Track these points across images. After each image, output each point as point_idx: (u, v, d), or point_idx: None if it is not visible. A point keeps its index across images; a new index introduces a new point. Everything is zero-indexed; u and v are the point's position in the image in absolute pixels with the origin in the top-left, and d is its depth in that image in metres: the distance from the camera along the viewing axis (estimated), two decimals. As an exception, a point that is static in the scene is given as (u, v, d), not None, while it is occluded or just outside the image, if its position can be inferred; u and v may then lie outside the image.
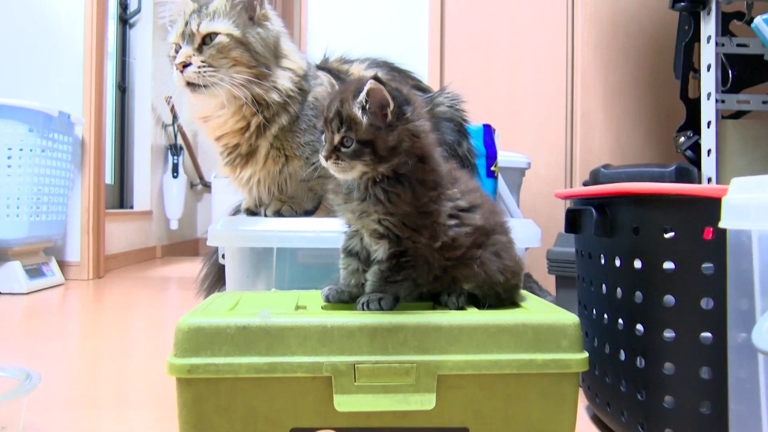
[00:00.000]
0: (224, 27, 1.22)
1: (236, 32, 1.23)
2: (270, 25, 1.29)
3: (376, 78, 0.75)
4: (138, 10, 4.37)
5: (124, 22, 4.36)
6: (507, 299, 0.86)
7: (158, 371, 1.34)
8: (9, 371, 0.98)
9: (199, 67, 1.20)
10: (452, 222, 0.80)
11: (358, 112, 0.76)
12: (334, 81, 1.31)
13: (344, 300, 0.85)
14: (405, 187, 0.77)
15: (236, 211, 1.55)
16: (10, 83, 3.03)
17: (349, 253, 0.85)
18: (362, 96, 0.75)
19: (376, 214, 0.77)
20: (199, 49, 1.22)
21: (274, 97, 1.25)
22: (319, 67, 1.40)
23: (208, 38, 1.22)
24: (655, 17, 2.73)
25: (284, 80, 1.27)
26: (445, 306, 0.84)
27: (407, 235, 0.78)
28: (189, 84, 1.22)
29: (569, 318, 0.77)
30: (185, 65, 1.21)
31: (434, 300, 0.86)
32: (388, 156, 0.76)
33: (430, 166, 0.79)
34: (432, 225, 0.79)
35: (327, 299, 0.85)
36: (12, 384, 0.94)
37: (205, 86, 1.22)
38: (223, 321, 0.73)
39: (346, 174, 0.78)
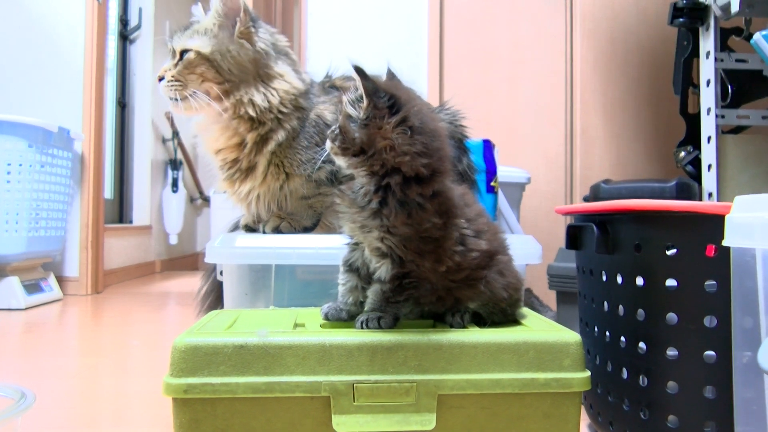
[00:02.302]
0: (195, 44, 1.26)
1: (205, 50, 1.26)
2: (246, 44, 1.29)
3: (356, 68, 0.74)
4: (138, 26, 4.39)
5: (125, 38, 4.37)
6: (511, 314, 0.85)
7: (157, 390, 1.33)
8: (4, 390, 0.96)
9: (168, 81, 1.26)
10: (459, 248, 0.79)
11: (346, 100, 0.77)
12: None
13: (343, 318, 0.84)
14: (399, 205, 0.75)
15: (235, 227, 1.55)
16: (10, 99, 3.03)
17: (350, 267, 0.83)
18: (355, 89, 0.77)
19: (376, 231, 0.76)
20: (177, 65, 1.27)
21: (250, 112, 1.27)
22: (330, 86, 1.41)
23: (184, 54, 1.27)
24: (654, 33, 2.74)
25: (259, 97, 1.28)
26: (449, 326, 0.83)
27: (410, 257, 0.76)
28: (170, 98, 1.27)
29: (571, 336, 0.76)
30: (160, 79, 1.27)
31: (436, 318, 0.85)
32: (352, 148, 0.75)
33: (423, 190, 0.76)
34: (436, 250, 0.77)
35: (326, 317, 0.84)
36: (7, 403, 0.93)
37: (176, 99, 1.27)
38: (221, 340, 0.72)
39: (336, 157, 0.78)
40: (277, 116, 1.28)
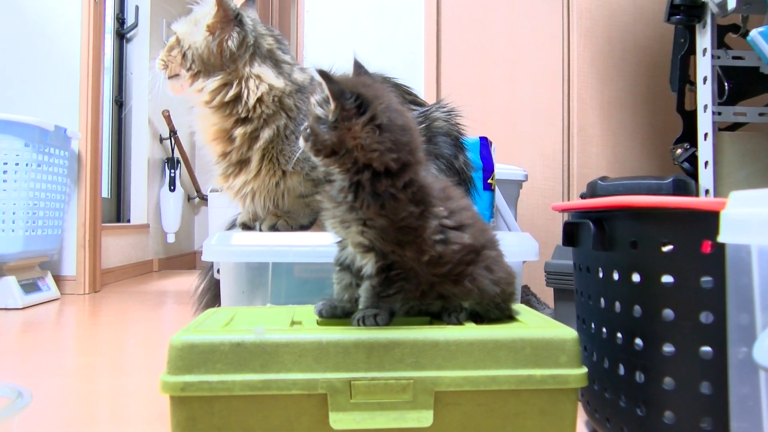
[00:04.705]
0: (177, 28, 1.34)
1: (180, 35, 1.32)
2: (210, 38, 1.31)
3: (320, 72, 0.74)
4: (135, 25, 4.38)
5: (121, 36, 4.37)
6: (506, 309, 0.85)
7: (154, 388, 1.32)
8: (0, 389, 0.96)
9: (159, 60, 1.35)
10: (438, 237, 0.79)
11: (314, 102, 0.77)
12: None
13: (337, 315, 0.84)
14: (372, 197, 0.75)
15: (232, 226, 1.54)
16: (6, 97, 3.02)
17: (342, 266, 0.84)
18: (321, 90, 0.76)
19: (355, 225, 0.77)
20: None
21: (214, 103, 1.32)
22: None
23: None
24: (651, 31, 2.74)
25: (230, 91, 1.31)
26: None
27: (390, 248, 0.77)
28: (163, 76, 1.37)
29: (568, 333, 0.76)
30: None
31: (433, 317, 0.85)
32: (324, 150, 0.76)
33: (394, 182, 0.76)
34: (415, 240, 0.77)
35: (320, 314, 0.84)
36: (3, 402, 0.92)
37: (167, 78, 1.35)
38: (217, 338, 0.72)
39: (311, 156, 0.79)
40: (262, 115, 1.29)
